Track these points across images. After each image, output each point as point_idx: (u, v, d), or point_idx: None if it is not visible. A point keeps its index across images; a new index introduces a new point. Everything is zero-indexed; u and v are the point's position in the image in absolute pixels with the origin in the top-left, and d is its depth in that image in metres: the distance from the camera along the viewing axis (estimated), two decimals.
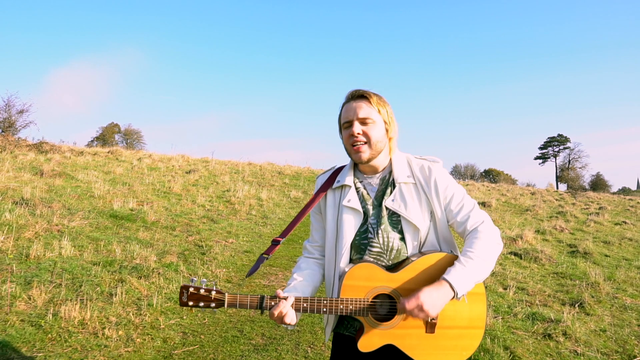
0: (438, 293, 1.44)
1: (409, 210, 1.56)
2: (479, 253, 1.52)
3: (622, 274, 6.84)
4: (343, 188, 1.66)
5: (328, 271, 1.67)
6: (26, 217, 5.51)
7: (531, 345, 3.74)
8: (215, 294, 1.50)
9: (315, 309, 1.50)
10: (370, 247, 1.58)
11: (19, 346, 2.84)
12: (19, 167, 9.97)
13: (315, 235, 1.74)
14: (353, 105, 1.60)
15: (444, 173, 1.63)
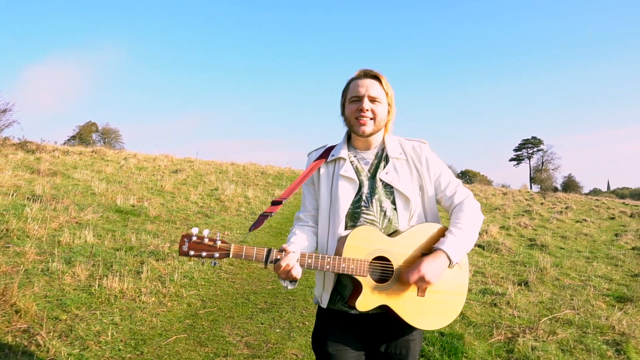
0: (437, 263, 1.61)
1: (402, 183, 1.73)
2: (467, 224, 1.70)
3: (569, 262, 8.01)
4: (338, 161, 1.80)
5: (321, 238, 1.78)
6: (45, 212, 6.29)
7: (479, 310, 4.78)
8: (220, 244, 1.55)
9: (319, 265, 1.60)
10: (365, 215, 1.71)
11: (79, 306, 3.71)
12: (14, 166, 10.60)
13: (309, 206, 1.85)
14: (366, 82, 1.74)
15: (432, 152, 1.83)
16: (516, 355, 3.66)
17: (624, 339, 4.21)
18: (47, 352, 2.92)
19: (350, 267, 1.60)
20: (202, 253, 1.52)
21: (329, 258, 1.60)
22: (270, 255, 1.55)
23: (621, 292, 6.09)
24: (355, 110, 1.73)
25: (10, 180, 8.40)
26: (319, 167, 1.83)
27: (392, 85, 1.81)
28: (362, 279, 1.62)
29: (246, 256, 1.54)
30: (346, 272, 1.60)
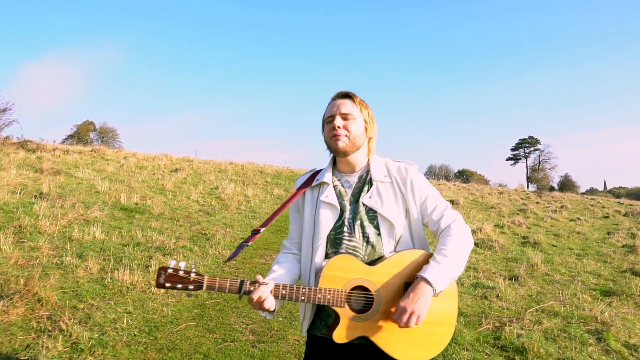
0: (419, 294, 1.53)
1: (385, 207, 1.68)
2: (453, 250, 1.61)
3: (560, 259, 8.31)
4: (321, 185, 1.79)
5: (304, 266, 1.75)
6: (53, 209, 6.55)
7: (470, 302, 5.07)
8: (194, 276, 1.57)
9: (294, 297, 1.58)
10: (346, 241, 1.68)
11: (94, 297, 3.98)
12: (17, 165, 10.84)
13: (294, 233, 1.84)
14: (337, 102, 1.75)
15: (419, 175, 1.77)
16: (502, 341, 3.95)
17: (605, 328, 4.50)
18: (70, 336, 3.20)
19: (327, 297, 1.58)
20: (177, 285, 1.55)
21: (304, 289, 1.58)
22: (242, 287, 1.56)
23: (607, 286, 6.39)
24: (330, 130, 1.73)
25: (16, 179, 8.64)
26: (305, 193, 1.82)
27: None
28: (340, 309, 1.58)
29: (219, 288, 1.55)
30: (322, 302, 1.57)
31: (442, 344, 1.64)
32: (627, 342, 4.27)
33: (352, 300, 1.62)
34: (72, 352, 3.03)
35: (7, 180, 8.16)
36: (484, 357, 3.65)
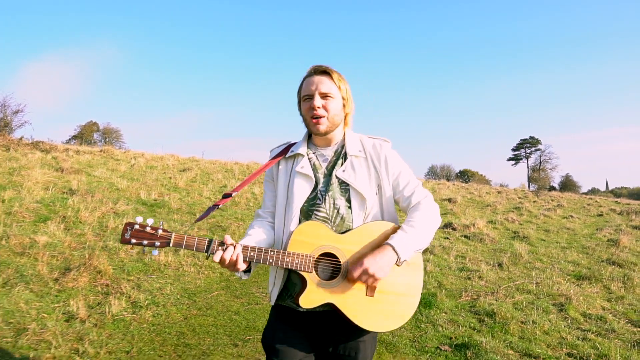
0: (382, 257, 1.60)
1: (358, 181, 1.73)
2: (420, 223, 1.70)
3: (545, 251, 9.21)
4: (296, 157, 1.82)
5: (277, 234, 1.79)
6: (85, 203, 7.46)
7: (454, 281, 5.99)
8: (162, 232, 1.58)
9: (262, 259, 1.61)
10: (317, 212, 1.72)
11: (138, 272, 4.89)
12: (39, 165, 11.75)
13: (268, 202, 1.86)
14: (315, 79, 1.75)
15: (394, 152, 1.82)
16: (477, 308, 4.86)
17: (567, 301, 5.40)
18: (129, 297, 4.11)
19: (295, 262, 1.61)
20: (144, 241, 1.57)
21: (272, 252, 1.62)
22: (210, 246, 1.59)
23: (582, 272, 7.27)
24: (309, 109, 1.75)
25: (42, 177, 9.56)
26: (278, 163, 1.85)
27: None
28: (307, 275, 1.62)
29: (187, 246, 1.58)
30: (290, 267, 1.61)
31: (406, 315, 1.70)
32: (585, 312, 5.17)
33: (320, 266, 1.67)
34: (134, 308, 3.95)
35: (36, 179, 9.07)
36: (460, 319, 4.56)
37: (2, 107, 18.71)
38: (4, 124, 18.71)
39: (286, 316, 1.76)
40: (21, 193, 7.40)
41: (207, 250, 1.58)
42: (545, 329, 4.47)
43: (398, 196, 1.81)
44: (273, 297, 1.78)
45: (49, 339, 3.18)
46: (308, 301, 1.61)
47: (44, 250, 4.88)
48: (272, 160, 1.85)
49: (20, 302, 3.65)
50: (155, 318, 3.87)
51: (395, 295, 1.68)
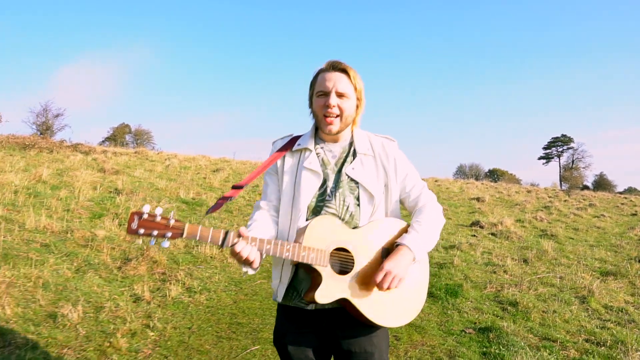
0: (401, 258, 1.66)
1: (367, 179, 1.76)
2: (429, 224, 1.77)
3: (572, 248, 9.42)
4: (303, 151, 1.82)
5: (282, 231, 1.77)
6: (131, 201, 8.10)
7: (480, 274, 6.35)
8: (173, 223, 1.52)
9: (279, 252, 1.59)
10: (327, 208, 1.74)
11: (187, 263, 5.44)
12: (82, 166, 12.55)
13: (270, 195, 1.83)
14: (333, 76, 1.74)
15: (401, 152, 1.87)
16: (500, 298, 5.23)
17: (590, 294, 5.70)
18: (184, 284, 4.66)
19: (311, 255, 1.60)
20: (153, 232, 1.49)
21: (288, 245, 1.59)
22: (227, 238, 1.54)
23: (607, 269, 7.50)
24: (323, 106, 1.75)
25: (88, 177, 10.29)
26: (284, 156, 1.83)
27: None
28: (322, 269, 1.62)
29: (201, 237, 1.52)
30: (306, 261, 1.60)
31: (414, 312, 1.76)
32: (607, 304, 5.47)
33: (334, 260, 1.67)
34: (189, 293, 4.49)
35: (84, 179, 9.80)
36: (484, 307, 4.95)
37: (44, 111, 19.92)
38: (45, 127, 19.88)
39: (295, 316, 1.77)
40: (74, 192, 8.09)
41: (223, 242, 1.54)
42: (566, 317, 4.82)
43: (404, 196, 1.87)
44: (280, 294, 1.77)
45: (123, 315, 3.73)
46: (324, 296, 1.61)
47: (104, 243, 5.47)
48: (278, 152, 1.83)
49: (93, 286, 4.23)
50: (209, 301, 4.40)
51: (406, 292, 1.74)
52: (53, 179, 9.16)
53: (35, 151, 14.25)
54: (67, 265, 4.56)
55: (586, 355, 3.87)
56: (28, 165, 10.74)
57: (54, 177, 9.42)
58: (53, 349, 3.08)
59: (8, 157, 11.82)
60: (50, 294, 3.87)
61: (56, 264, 4.52)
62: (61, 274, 4.34)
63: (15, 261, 4.32)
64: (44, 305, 3.66)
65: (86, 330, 3.41)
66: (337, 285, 1.63)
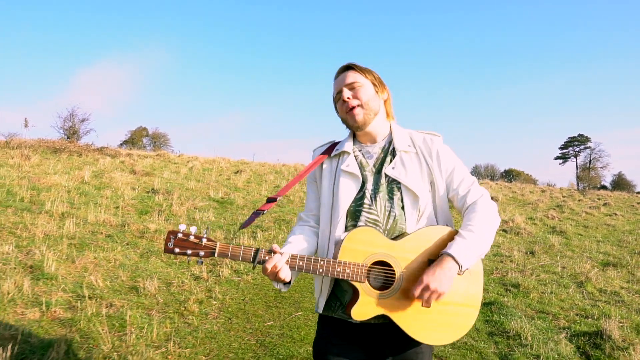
0: (442, 270, 1.54)
1: (410, 178, 1.67)
2: (479, 226, 1.62)
3: (579, 243, 10.16)
4: (341, 155, 1.79)
5: (322, 239, 1.76)
6: (168, 200, 9.05)
7: (488, 263, 7.18)
8: (206, 242, 1.58)
9: (312, 269, 1.57)
10: (366, 213, 1.68)
11: None
12: (113, 168, 13.58)
13: (311, 205, 1.85)
14: (340, 76, 1.78)
15: (446, 146, 1.77)
16: (504, 281, 6.05)
17: (587, 280, 6.49)
18: (231, 267, 5.57)
19: (346, 271, 1.57)
20: (187, 251, 1.56)
21: (322, 261, 1.58)
22: (257, 255, 1.57)
23: (609, 260, 8.25)
24: (342, 104, 1.75)
25: (123, 179, 11.29)
26: (322, 163, 1.82)
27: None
28: (359, 285, 1.59)
29: (232, 256, 1.57)
30: (341, 277, 1.57)
31: (465, 326, 1.65)
32: (601, 289, 6.25)
33: (373, 275, 1.62)
34: (237, 274, 5.41)
35: (120, 180, 10.79)
36: (489, 287, 5.78)
37: (70, 116, 21.07)
38: (72, 132, 21.03)
39: (338, 328, 1.72)
40: (117, 192, 9.08)
41: (254, 260, 1.57)
42: (562, 297, 5.63)
43: (452, 194, 1.76)
44: (321, 306, 1.74)
45: (189, 289, 4.65)
46: (360, 313, 1.58)
47: (156, 234, 6.41)
48: (317, 159, 1.83)
49: (158, 267, 5.16)
50: (255, 280, 5.31)
51: (453, 306, 1.64)
52: (94, 180, 10.16)
53: (66, 154, 15.34)
54: (133, 252, 5.50)
55: (574, 324, 4.69)
56: (64, 168, 11.76)
57: (93, 179, 10.42)
58: (143, 310, 3.99)
59: (45, 160, 12.86)
60: (128, 272, 4.79)
61: (123, 251, 5.46)
62: (130, 258, 5.28)
63: (90, 248, 5.27)
64: (125, 281, 4.58)
65: (163, 298, 4.33)
66: (375, 302, 1.59)
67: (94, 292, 4.10)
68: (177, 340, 3.51)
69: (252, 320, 4.17)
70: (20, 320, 3.40)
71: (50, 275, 4.21)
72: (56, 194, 7.70)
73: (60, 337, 3.15)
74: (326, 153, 1.84)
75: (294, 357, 3.50)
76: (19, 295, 3.72)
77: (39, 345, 3.10)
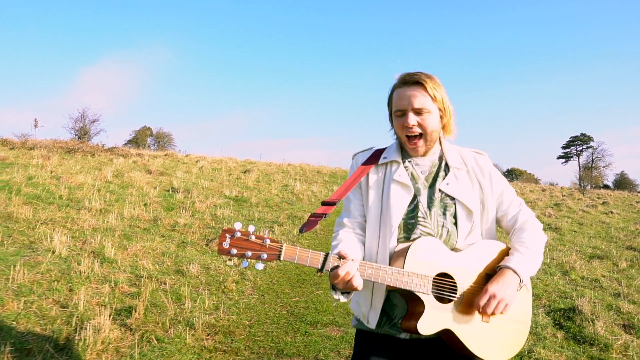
0: (506, 281, 1.58)
1: (464, 194, 1.71)
2: (533, 244, 1.70)
3: (571, 238, 11.03)
4: (390, 164, 1.78)
5: (369, 250, 1.74)
6: (188, 198, 9.95)
7: None
8: (269, 243, 1.49)
9: (380, 277, 1.54)
10: (422, 226, 1.67)
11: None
12: (130, 169, 14.47)
13: (354, 211, 1.80)
14: (407, 93, 1.68)
15: (494, 166, 1.84)
16: None
17: (572, 269, 7.36)
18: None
19: (413, 282, 1.54)
20: (247, 252, 1.48)
21: (390, 270, 1.55)
22: (327, 261, 1.50)
23: (596, 253, 9.11)
24: (402, 127, 1.72)
25: (142, 178, 12.18)
26: (369, 171, 1.80)
27: None
28: (425, 297, 1.56)
29: (299, 259, 1.49)
30: (407, 287, 1.54)
31: (521, 342, 1.68)
32: (584, 276, 7.14)
33: (437, 287, 1.61)
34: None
35: (141, 179, 11.70)
36: None
37: (81, 117, 22.02)
38: (83, 132, 21.96)
39: (386, 345, 1.70)
40: (141, 190, 9.98)
41: (323, 266, 1.51)
42: (547, 283, 6.52)
43: (501, 214, 1.81)
44: (373, 321, 1.71)
45: (225, 272, 5.56)
46: (427, 327, 1.55)
47: (185, 228, 7.31)
48: (365, 165, 1.81)
49: (194, 255, 6.06)
50: (278, 266, 6.21)
51: (511, 322, 1.66)
52: (116, 180, 11.07)
53: (80, 155, 16.24)
54: (170, 242, 6.40)
55: (553, 302, 5.57)
56: (83, 168, 12.65)
57: (115, 178, 11.32)
58: (192, 288, 4.89)
59: (63, 160, 13.77)
60: (170, 258, 5.70)
61: (162, 241, 6.36)
62: (169, 247, 6.18)
63: (133, 239, 6.17)
64: (170, 265, 5.49)
65: (205, 279, 5.23)
66: (440, 314, 1.58)
67: (148, 273, 4.99)
68: (224, 310, 4.41)
69: (281, 297, 5.07)
70: (99, 293, 4.30)
71: (111, 260, 5.12)
72: (88, 192, 8.61)
73: (134, 305, 4.05)
74: (372, 160, 1.84)
75: (318, 323, 4.39)
76: (92, 275, 4.62)
77: (121, 308, 4.01)
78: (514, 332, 1.68)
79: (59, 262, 4.79)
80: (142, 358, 3.35)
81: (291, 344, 3.91)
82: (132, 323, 3.76)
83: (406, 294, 1.63)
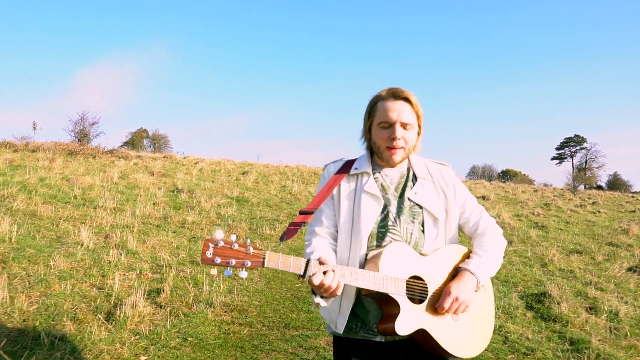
0: (465, 283, 1.73)
1: (430, 203, 1.84)
2: (492, 248, 1.86)
3: (555, 235, 11.78)
4: (361, 175, 1.89)
5: (341, 260, 1.82)
6: (192, 198, 10.64)
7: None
8: (253, 251, 1.52)
9: (359, 282, 1.63)
10: (391, 234, 1.79)
11: (258, 240, 7.94)
12: (133, 170, 15.13)
13: (326, 221, 1.88)
14: (397, 106, 1.78)
15: (457, 177, 1.98)
16: None
17: (550, 262, 8.12)
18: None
19: (388, 284, 1.63)
20: (231, 261, 1.50)
21: (368, 274, 1.62)
22: (308, 267, 1.55)
23: (577, 249, 9.86)
24: (387, 139, 1.80)
25: (146, 179, 12.86)
26: (341, 181, 1.88)
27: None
28: (400, 299, 1.64)
29: (282, 265, 1.54)
30: (383, 290, 1.63)
31: (486, 339, 1.83)
32: (561, 268, 7.89)
33: (409, 289, 1.70)
34: None
35: (146, 181, 12.38)
36: None
37: (81, 120, 22.56)
38: (83, 135, 22.52)
39: (363, 349, 1.80)
40: (147, 191, 10.68)
41: (305, 272, 1.55)
42: (525, 273, 7.26)
43: (464, 221, 1.94)
44: (340, 326, 1.80)
45: None
46: (404, 327, 1.64)
47: (194, 225, 8.02)
48: (337, 175, 1.90)
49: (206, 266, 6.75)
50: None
51: (477, 320, 1.80)
52: (122, 181, 11.75)
53: (82, 157, 16.87)
54: (182, 237, 7.11)
55: (528, 289, 6.32)
56: (87, 170, 13.30)
57: (121, 180, 12.00)
58: (207, 276, 5.59)
59: (68, 163, 14.42)
60: (184, 251, 6.41)
61: (174, 236, 7.07)
62: (182, 241, 6.88)
63: (149, 234, 6.87)
64: (184, 257, 6.19)
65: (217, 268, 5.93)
66: (414, 315, 1.67)
67: (167, 263, 5.70)
68: (237, 292, 5.13)
69: (286, 283, 5.80)
70: (128, 278, 5.01)
71: (133, 251, 5.83)
72: (99, 192, 9.30)
73: (161, 287, 4.76)
74: (343, 170, 1.92)
75: None
76: (119, 263, 5.33)
77: (150, 290, 4.73)
78: (480, 329, 1.82)
79: (89, 253, 5.50)
80: (172, 328, 4.07)
81: (296, 319, 4.64)
82: (162, 301, 4.49)
83: (380, 298, 1.71)
